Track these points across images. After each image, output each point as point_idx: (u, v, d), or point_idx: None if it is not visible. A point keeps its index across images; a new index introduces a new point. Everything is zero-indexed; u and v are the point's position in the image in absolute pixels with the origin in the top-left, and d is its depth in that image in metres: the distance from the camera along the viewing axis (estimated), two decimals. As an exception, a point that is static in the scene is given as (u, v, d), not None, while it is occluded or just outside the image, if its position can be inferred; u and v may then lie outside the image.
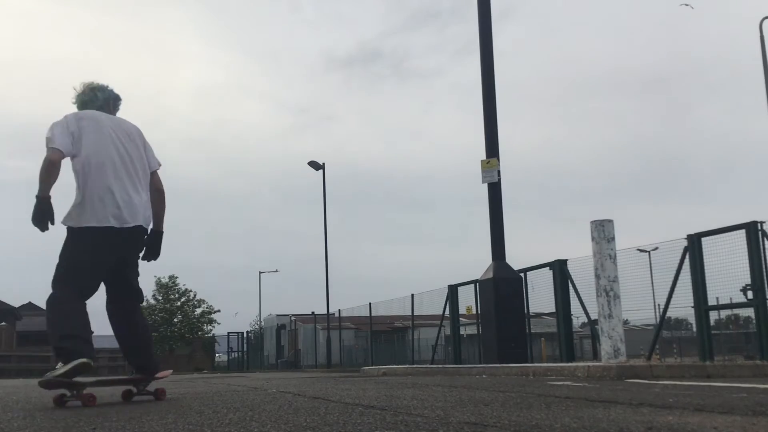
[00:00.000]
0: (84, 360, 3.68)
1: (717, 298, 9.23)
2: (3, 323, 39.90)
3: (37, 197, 3.91)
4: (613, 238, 6.11)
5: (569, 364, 6.64)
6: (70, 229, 4.04)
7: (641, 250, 11.22)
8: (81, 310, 3.98)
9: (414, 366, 11.67)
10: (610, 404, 3.12)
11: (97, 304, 4.19)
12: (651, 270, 11.56)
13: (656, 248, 10.86)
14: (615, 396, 3.60)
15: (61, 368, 3.68)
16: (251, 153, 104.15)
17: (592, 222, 6.22)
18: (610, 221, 6.20)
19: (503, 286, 9.31)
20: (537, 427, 2.27)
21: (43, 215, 3.92)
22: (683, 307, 9.84)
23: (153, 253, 4.35)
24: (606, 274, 5.99)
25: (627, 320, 14.36)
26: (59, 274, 4.02)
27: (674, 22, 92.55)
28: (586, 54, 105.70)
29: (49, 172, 3.90)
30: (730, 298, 9.68)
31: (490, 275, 9.41)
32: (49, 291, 4.06)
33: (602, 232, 6.09)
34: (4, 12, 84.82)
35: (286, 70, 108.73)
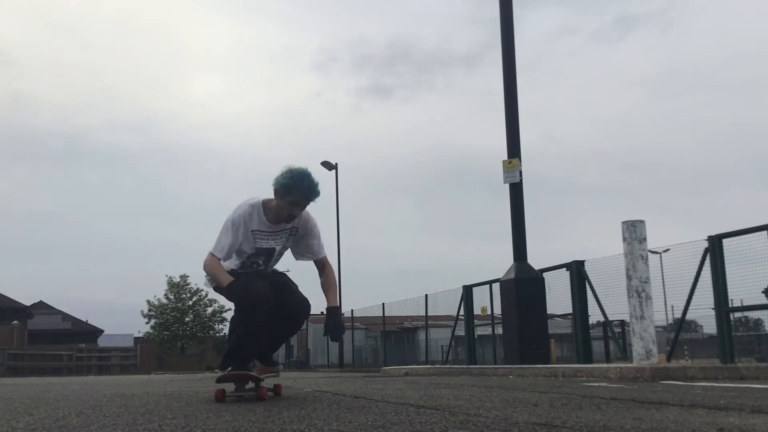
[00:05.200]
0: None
1: (731, 300, 9.20)
2: (15, 322, 40.16)
3: None
4: (644, 239, 6.08)
5: (600, 365, 6.62)
6: None
7: (653, 252, 11.20)
8: None
9: (435, 366, 11.65)
10: (661, 405, 3.10)
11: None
12: (662, 272, 11.54)
13: (667, 250, 10.84)
14: (660, 397, 3.59)
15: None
16: (263, 151, 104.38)
17: (623, 222, 6.19)
18: (642, 222, 6.17)
19: (525, 286, 9.28)
20: (607, 428, 2.26)
21: None
22: (696, 308, 9.80)
23: None
24: (638, 275, 5.96)
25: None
26: None
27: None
28: (589, 54, 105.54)
29: None
30: (741, 300, 9.65)
31: (512, 275, 9.38)
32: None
33: (634, 232, 6.07)
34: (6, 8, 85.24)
35: (300, 67, 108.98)
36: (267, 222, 4.17)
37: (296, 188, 4.06)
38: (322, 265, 4.48)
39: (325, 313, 4.31)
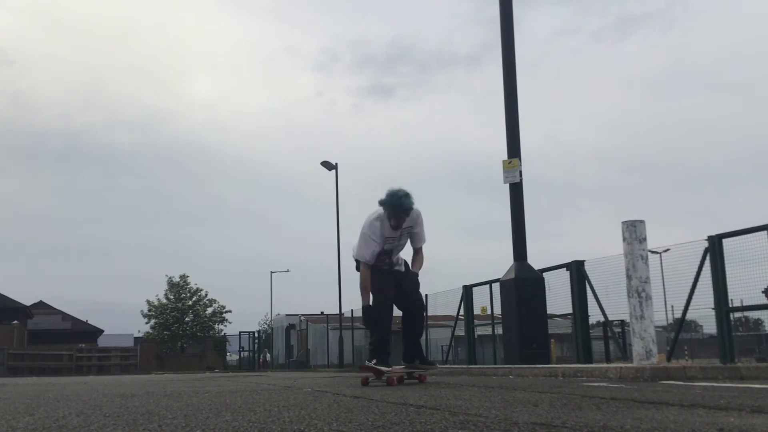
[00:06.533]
0: None
1: (731, 300, 9.20)
2: (15, 322, 40.14)
3: None
4: (644, 239, 6.07)
5: (600, 366, 6.62)
6: None
7: (653, 252, 11.20)
8: None
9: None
10: (661, 405, 3.10)
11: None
12: (662, 272, 11.54)
13: (667, 250, 10.84)
14: (660, 397, 3.58)
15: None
16: (263, 151, 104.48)
17: (623, 222, 6.18)
18: (642, 222, 6.16)
19: (525, 286, 9.28)
20: (606, 428, 2.26)
21: None
22: (696, 308, 9.80)
23: None
24: (638, 275, 5.95)
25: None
26: None
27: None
28: (591, 55, 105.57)
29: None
30: (741, 300, 9.66)
31: (512, 276, 9.38)
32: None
33: (634, 232, 6.06)
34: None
35: (301, 67, 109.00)
36: (390, 228, 5.74)
37: (391, 209, 5.65)
38: (417, 251, 6.11)
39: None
